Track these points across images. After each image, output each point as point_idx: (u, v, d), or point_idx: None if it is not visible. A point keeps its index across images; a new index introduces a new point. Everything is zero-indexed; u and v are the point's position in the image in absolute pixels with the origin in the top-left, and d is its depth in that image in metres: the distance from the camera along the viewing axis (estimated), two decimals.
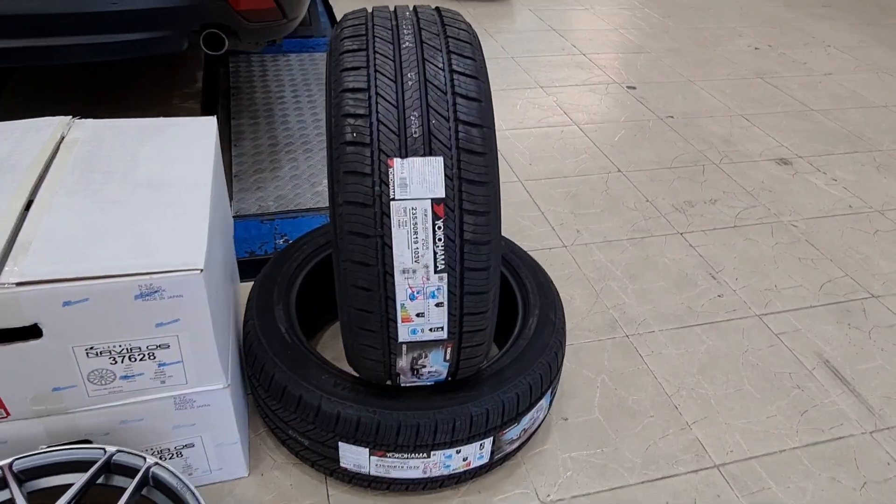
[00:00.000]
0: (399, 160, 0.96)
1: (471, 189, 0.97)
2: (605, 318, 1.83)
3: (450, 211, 0.97)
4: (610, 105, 3.07)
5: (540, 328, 1.40)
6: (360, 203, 0.96)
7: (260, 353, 1.31)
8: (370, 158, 0.95)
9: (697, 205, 2.36)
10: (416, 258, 0.97)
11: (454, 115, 0.98)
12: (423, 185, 0.96)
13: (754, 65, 3.63)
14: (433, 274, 0.98)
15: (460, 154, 0.97)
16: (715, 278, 2.01)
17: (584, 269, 2.01)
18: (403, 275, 0.98)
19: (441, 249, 0.97)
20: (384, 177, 0.95)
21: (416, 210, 0.96)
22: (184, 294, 1.04)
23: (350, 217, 0.96)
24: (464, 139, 0.97)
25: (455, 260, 0.99)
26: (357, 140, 0.96)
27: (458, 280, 1.00)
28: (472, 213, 0.97)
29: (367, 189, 0.95)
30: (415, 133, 0.96)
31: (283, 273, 1.50)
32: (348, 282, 0.99)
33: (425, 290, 0.99)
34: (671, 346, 1.76)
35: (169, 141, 1.34)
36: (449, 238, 0.97)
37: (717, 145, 2.77)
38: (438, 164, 0.96)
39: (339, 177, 0.96)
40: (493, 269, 1.01)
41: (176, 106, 2.78)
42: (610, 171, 2.53)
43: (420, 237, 0.96)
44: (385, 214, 0.96)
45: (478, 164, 0.97)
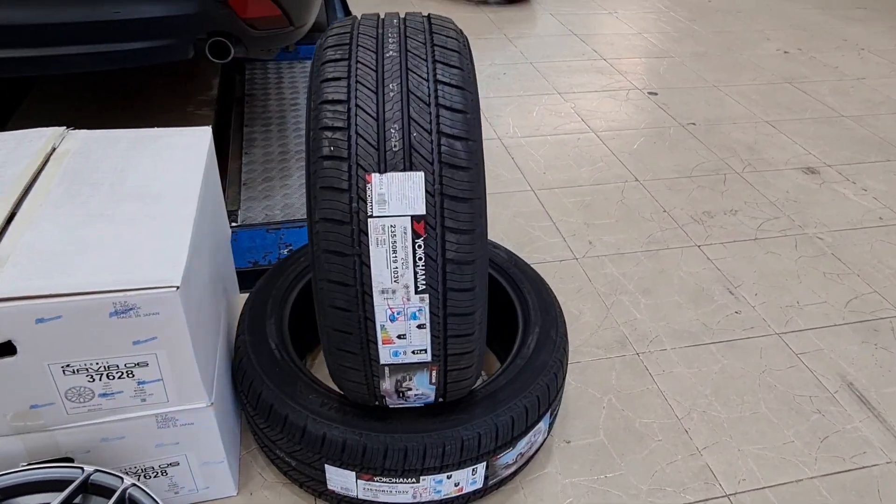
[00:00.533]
0: (377, 175, 0.91)
1: (454, 206, 0.92)
2: (614, 335, 1.76)
3: (431, 229, 0.92)
4: (630, 112, 2.99)
5: (539, 346, 1.34)
6: (337, 220, 0.92)
7: (249, 369, 1.28)
8: (347, 174, 0.91)
9: (717, 215, 2.28)
10: (396, 278, 0.93)
11: (437, 128, 0.93)
12: (403, 201, 0.91)
13: (782, 69, 3.51)
14: (414, 294, 0.94)
15: (443, 169, 0.92)
16: (733, 294, 1.92)
17: (595, 282, 1.94)
18: (383, 295, 0.94)
19: (422, 269, 0.93)
20: (362, 193, 0.91)
21: (394, 228, 0.91)
22: (160, 312, 1.01)
23: (327, 235, 0.92)
24: (447, 153, 0.92)
25: (437, 280, 0.94)
26: (334, 154, 0.92)
27: (441, 301, 0.95)
28: (454, 231, 0.92)
29: (345, 205, 0.91)
30: (395, 147, 0.92)
31: (277, 286, 1.47)
32: (326, 302, 0.95)
33: (406, 312, 0.95)
34: (683, 364, 1.68)
35: (160, 152, 1.32)
36: (430, 257, 0.92)
37: (741, 153, 2.67)
38: (419, 179, 0.92)
39: (316, 192, 0.92)
40: (478, 289, 0.96)
41: (191, 113, 2.78)
42: (627, 181, 2.46)
43: (399, 256, 0.92)
44: (363, 232, 0.91)
45: (461, 179, 0.92)
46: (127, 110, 2.72)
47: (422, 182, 0.92)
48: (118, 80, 2.93)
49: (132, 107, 2.75)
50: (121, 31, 1.72)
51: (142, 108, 2.74)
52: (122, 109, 2.72)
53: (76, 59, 1.73)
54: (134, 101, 2.79)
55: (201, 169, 1.28)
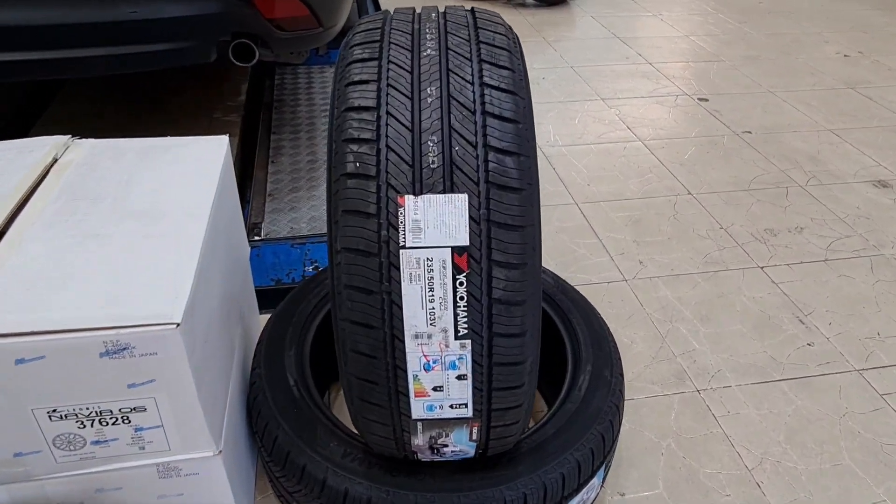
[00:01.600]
0: (412, 198, 0.76)
1: (502, 235, 0.76)
2: (671, 368, 1.58)
3: (475, 263, 0.76)
4: (679, 119, 2.80)
5: (592, 389, 1.17)
6: (363, 251, 0.76)
7: (264, 408, 1.14)
8: (376, 195, 0.76)
9: (781, 233, 2.07)
10: (432, 320, 0.77)
11: (483, 141, 0.77)
12: (442, 229, 0.76)
13: (843, 74, 3.28)
14: (453, 340, 0.78)
15: (490, 190, 0.76)
16: (803, 322, 1.72)
17: (648, 307, 1.76)
18: (416, 340, 0.78)
19: (463, 311, 0.77)
20: (393, 218, 0.76)
21: (431, 261, 0.76)
22: (158, 352, 0.87)
23: (350, 268, 0.77)
24: (495, 171, 0.77)
25: (481, 323, 0.78)
26: (360, 171, 0.77)
27: (486, 348, 0.79)
28: (503, 266, 0.77)
29: (372, 233, 0.76)
30: (433, 163, 0.77)
31: (299, 312, 1.33)
32: (348, 345, 0.80)
33: (443, 360, 0.79)
34: (751, 405, 1.49)
35: (171, 164, 1.19)
36: (473, 297, 0.77)
37: (803, 164, 2.46)
38: (462, 202, 0.76)
39: (338, 216, 0.77)
40: (529, 334, 0.80)
41: (218, 119, 2.68)
42: (679, 194, 2.27)
43: (437, 295, 0.76)
44: (393, 266, 0.76)
45: (512, 202, 0.77)
46: (153, 116, 2.62)
47: (465, 206, 0.76)
48: (145, 84, 2.85)
49: (159, 112, 2.65)
50: (138, 33, 1.61)
51: (168, 113, 2.64)
52: (149, 115, 2.63)
53: (91, 63, 1.62)
54: (161, 107, 2.69)
55: (215, 182, 1.14)
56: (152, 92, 2.80)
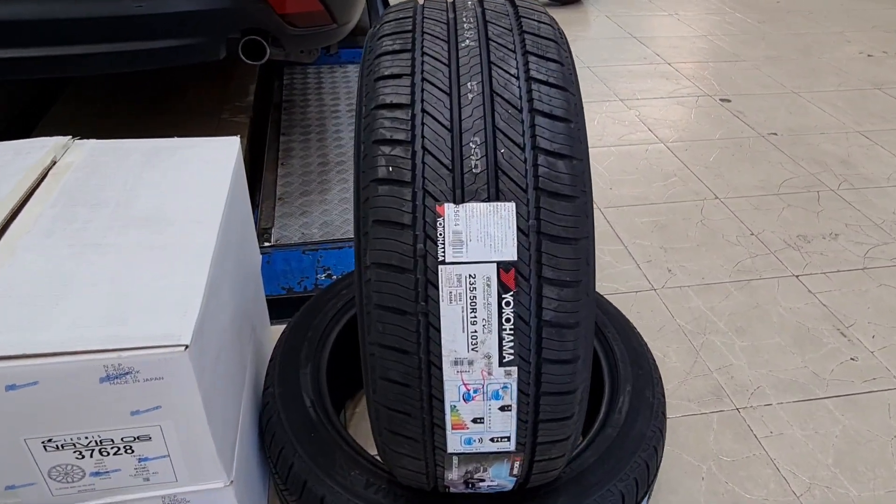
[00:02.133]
0: (452, 206, 0.67)
1: (555, 249, 0.67)
2: (707, 384, 1.48)
3: (523, 280, 0.67)
4: (701, 120, 2.70)
5: (634, 411, 1.08)
6: (396, 267, 0.68)
7: (278, 432, 1.05)
8: (411, 203, 0.67)
9: (815, 240, 1.98)
10: (474, 345, 0.68)
11: (532, 142, 0.68)
12: (487, 242, 0.67)
13: (869, 74, 3.18)
14: (497, 367, 0.69)
15: (540, 198, 0.67)
16: (845, 335, 1.63)
17: (679, 318, 1.67)
18: (455, 367, 0.69)
19: (509, 334, 0.68)
20: (430, 230, 0.67)
21: (474, 278, 0.67)
22: (164, 376, 0.78)
23: (381, 286, 0.68)
24: (546, 176, 0.68)
25: (529, 349, 0.69)
26: (393, 177, 0.68)
27: (534, 376, 0.70)
28: (555, 284, 0.68)
29: (406, 247, 0.67)
30: (475, 167, 0.68)
31: (314, 325, 1.24)
32: (378, 372, 0.71)
33: (486, 389, 0.70)
34: (796, 425, 1.39)
35: (179, 166, 1.11)
36: (521, 318, 0.68)
37: (834, 167, 2.36)
38: (508, 212, 0.67)
39: (368, 228, 0.68)
40: (582, 360, 0.71)
41: (225, 120, 2.60)
42: (705, 198, 2.17)
43: (480, 316, 0.67)
44: (430, 283, 0.67)
45: (565, 212, 0.68)
46: (159, 117, 2.54)
47: (512, 216, 0.67)
48: (150, 85, 2.77)
49: (165, 113, 2.57)
50: (143, 29, 1.53)
51: (175, 114, 2.56)
52: (154, 116, 2.55)
53: (95, 60, 1.54)
54: (167, 108, 2.61)
55: (226, 187, 1.06)
56: (158, 92, 2.72)
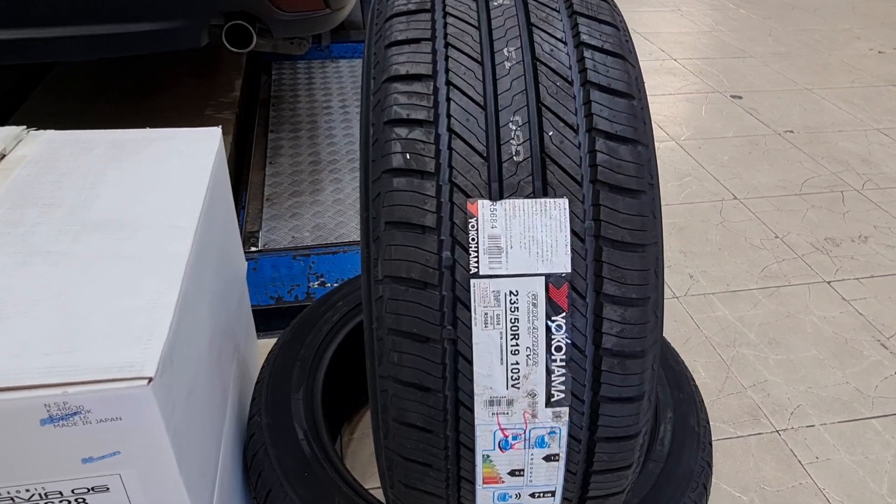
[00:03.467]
0: (488, 204, 0.53)
1: (618, 258, 0.53)
2: (742, 403, 1.35)
3: (579, 298, 0.53)
4: (713, 117, 2.57)
5: (678, 442, 0.94)
6: (416, 281, 0.53)
7: (266, 470, 0.90)
8: (435, 200, 0.53)
9: (843, 243, 1.85)
10: (515, 381, 0.54)
11: (588, 123, 0.54)
12: (532, 249, 0.52)
13: (882, 71, 3.06)
14: (543, 408, 0.54)
15: (600, 193, 0.53)
16: (886, 347, 1.50)
17: (705, 328, 1.53)
18: (490, 408, 0.55)
19: (560, 367, 0.53)
20: (460, 234, 0.52)
21: (517, 296, 0.52)
22: (123, 416, 0.63)
23: (397, 305, 0.53)
24: (606, 165, 0.53)
25: (584, 384, 0.54)
26: (412, 167, 0.53)
27: (588, 417, 0.56)
28: (618, 302, 0.53)
29: (429, 256, 0.53)
30: (516, 154, 0.53)
31: (308, 343, 1.09)
32: (391, 414, 0.56)
33: (528, 435, 0.56)
34: (842, 448, 1.26)
35: (150, 162, 0.95)
36: (575, 347, 0.53)
37: (856, 166, 2.24)
38: (560, 211, 0.53)
39: (380, 232, 0.53)
40: (647, 397, 0.57)
41: (209, 117, 2.44)
42: (724, 199, 2.04)
43: (523, 344, 0.53)
44: (460, 303, 0.52)
45: (631, 211, 0.53)
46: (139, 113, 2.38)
47: (565, 216, 0.53)
48: (129, 78, 2.60)
49: (145, 109, 2.41)
50: (118, 11, 1.37)
51: (156, 110, 2.40)
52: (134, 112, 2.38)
53: (65, 45, 1.38)
54: (147, 103, 2.45)
55: (204, 185, 0.90)
56: (137, 87, 2.55)
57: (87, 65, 2.60)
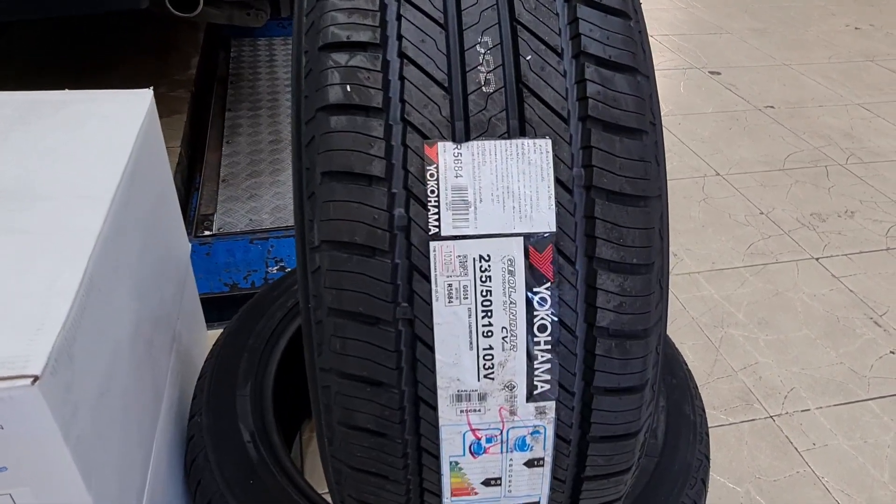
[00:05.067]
0: (450, 147, 0.41)
1: (616, 213, 0.42)
2: (733, 387, 1.26)
3: (567, 264, 0.42)
4: (692, 93, 2.49)
5: (673, 434, 0.84)
6: (362, 246, 0.41)
7: (206, 478, 0.78)
8: (383, 143, 0.41)
9: (830, 218, 1.78)
10: (489, 370, 0.43)
11: (576, 46, 0.43)
12: (508, 203, 0.41)
13: (859, 47, 3.01)
14: (524, 403, 0.44)
15: (591, 133, 0.42)
16: (879, 325, 1.42)
17: (691, 308, 1.44)
18: (458, 404, 0.44)
19: (545, 350, 0.43)
20: (416, 185, 0.41)
21: (488, 262, 0.41)
22: (4, 424, 0.51)
23: (339, 278, 0.42)
24: (599, 98, 0.42)
25: (574, 372, 0.44)
26: (354, 101, 0.42)
27: (579, 413, 0.45)
28: (616, 269, 0.42)
29: (378, 213, 0.41)
30: (486, 84, 0.42)
31: (257, 332, 0.97)
32: (335, 415, 0.45)
33: (506, 436, 0.45)
34: (840, 433, 1.18)
35: (65, 125, 0.82)
36: (564, 325, 0.42)
37: (838, 141, 2.17)
38: (541, 154, 0.42)
39: (315, 185, 0.42)
40: (650, 386, 0.46)
41: (163, 95, 2.28)
42: (706, 174, 1.96)
43: (498, 323, 0.42)
44: (418, 272, 0.41)
45: (630, 154, 0.43)
46: (86, 88, 2.21)
47: (548, 161, 0.42)
48: (78, 56, 2.43)
49: (94, 87, 2.25)
50: None
51: (105, 86, 2.24)
52: (80, 89, 2.22)
53: None
54: (95, 80, 2.28)
55: (126, 152, 0.78)
56: (86, 66, 2.38)
57: (31, 40, 2.42)
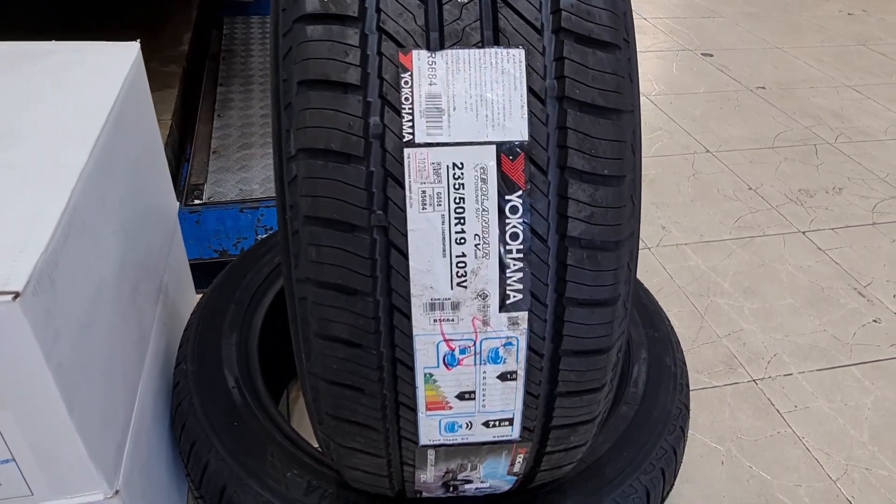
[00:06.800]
0: (425, 55, 0.42)
1: (588, 124, 0.43)
2: (717, 353, 1.27)
3: (538, 173, 0.43)
4: (684, 74, 2.50)
5: (654, 383, 0.85)
6: (336, 153, 0.42)
7: (190, 421, 0.79)
8: (359, 51, 0.42)
9: (818, 194, 1.79)
10: (462, 278, 0.44)
11: None
12: (481, 112, 0.42)
13: (851, 31, 3.02)
14: (497, 313, 0.45)
15: (564, 44, 0.43)
16: (863, 295, 1.44)
17: (678, 278, 1.46)
18: (432, 313, 0.44)
19: (517, 259, 0.43)
20: (391, 93, 0.42)
21: (461, 170, 0.42)
22: None
23: (314, 185, 0.42)
24: (573, 11, 0.43)
25: (546, 282, 0.45)
26: (329, 10, 0.42)
27: (552, 325, 0.46)
28: (588, 180, 0.43)
29: (353, 121, 0.42)
30: None
31: (244, 285, 0.98)
32: (311, 327, 0.45)
33: (479, 348, 0.46)
34: (821, 396, 1.19)
35: (51, 72, 0.82)
36: (535, 233, 0.43)
37: (828, 121, 2.19)
38: (515, 64, 0.42)
39: (292, 95, 0.42)
40: (622, 300, 0.47)
41: (155, 70, 2.27)
42: (696, 152, 1.97)
43: (470, 231, 0.43)
44: (392, 179, 0.42)
45: (602, 67, 0.43)
46: None
47: (521, 71, 0.42)
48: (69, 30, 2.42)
49: None
50: None
51: None
52: None
53: None
54: None
55: (112, 97, 0.78)
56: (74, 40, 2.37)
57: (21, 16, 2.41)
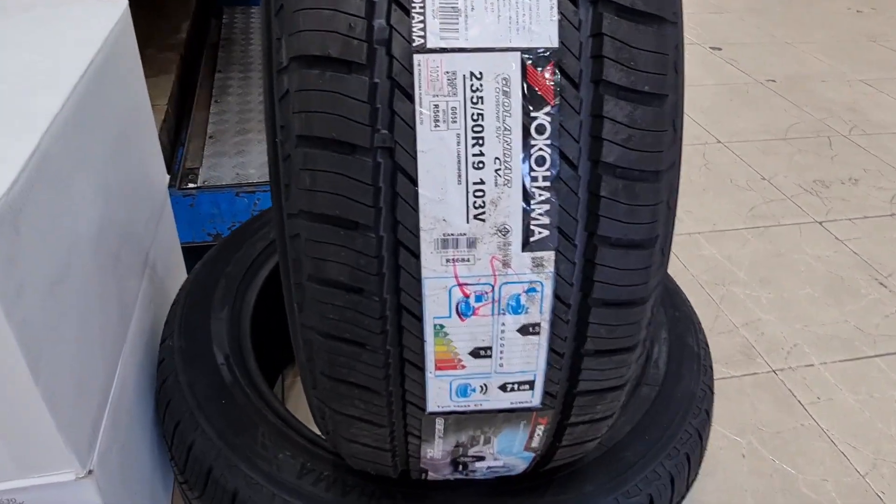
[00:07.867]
0: None
1: (626, 31, 0.37)
2: (735, 343, 1.21)
3: (569, 86, 0.37)
4: (693, 67, 2.44)
5: (676, 364, 0.79)
6: (335, 60, 0.36)
7: (175, 399, 0.73)
8: None
9: (833, 185, 1.73)
10: (479, 209, 0.38)
11: None
12: (503, 13, 0.36)
13: (860, 27, 2.98)
14: (519, 252, 0.39)
15: None
16: (885, 286, 1.38)
17: (693, 267, 1.40)
18: (443, 252, 0.38)
19: (544, 188, 0.37)
20: None
21: (480, 80, 0.36)
22: None
23: (308, 99, 0.36)
24: None
25: (576, 217, 0.38)
26: None
27: (582, 268, 0.40)
28: (626, 98, 0.37)
29: (354, 21, 0.36)
30: None
31: (237, 260, 0.92)
32: (304, 269, 0.39)
33: (498, 294, 0.40)
34: (845, 388, 1.13)
35: (32, 23, 0.77)
36: (566, 159, 0.37)
37: (841, 114, 2.13)
38: None
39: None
40: (659, 245, 0.41)
41: (151, 56, 2.22)
42: (707, 142, 1.91)
43: (490, 153, 0.37)
44: (399, 89, 0.36)
45: None
46: None
47: None
48: None
49: None
50: None
51: None
52: None
53: None
54: None
55: (94, 49, 0.72)
56: None
57: None
